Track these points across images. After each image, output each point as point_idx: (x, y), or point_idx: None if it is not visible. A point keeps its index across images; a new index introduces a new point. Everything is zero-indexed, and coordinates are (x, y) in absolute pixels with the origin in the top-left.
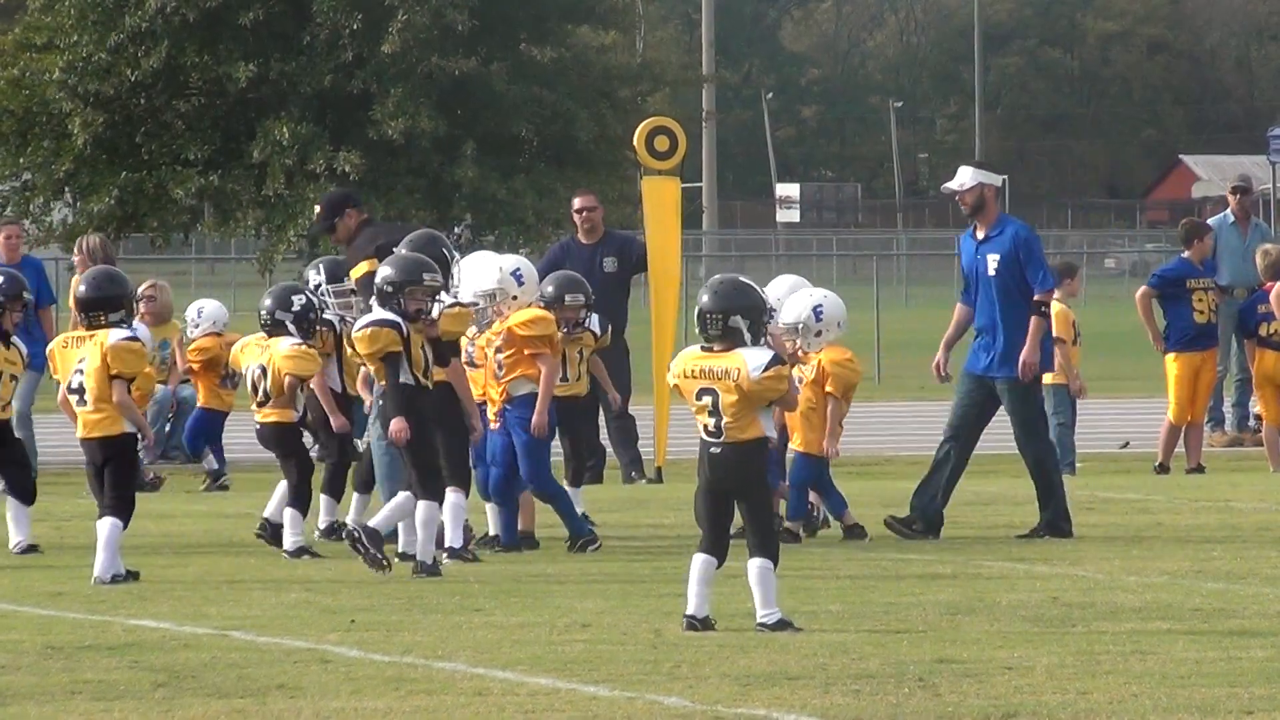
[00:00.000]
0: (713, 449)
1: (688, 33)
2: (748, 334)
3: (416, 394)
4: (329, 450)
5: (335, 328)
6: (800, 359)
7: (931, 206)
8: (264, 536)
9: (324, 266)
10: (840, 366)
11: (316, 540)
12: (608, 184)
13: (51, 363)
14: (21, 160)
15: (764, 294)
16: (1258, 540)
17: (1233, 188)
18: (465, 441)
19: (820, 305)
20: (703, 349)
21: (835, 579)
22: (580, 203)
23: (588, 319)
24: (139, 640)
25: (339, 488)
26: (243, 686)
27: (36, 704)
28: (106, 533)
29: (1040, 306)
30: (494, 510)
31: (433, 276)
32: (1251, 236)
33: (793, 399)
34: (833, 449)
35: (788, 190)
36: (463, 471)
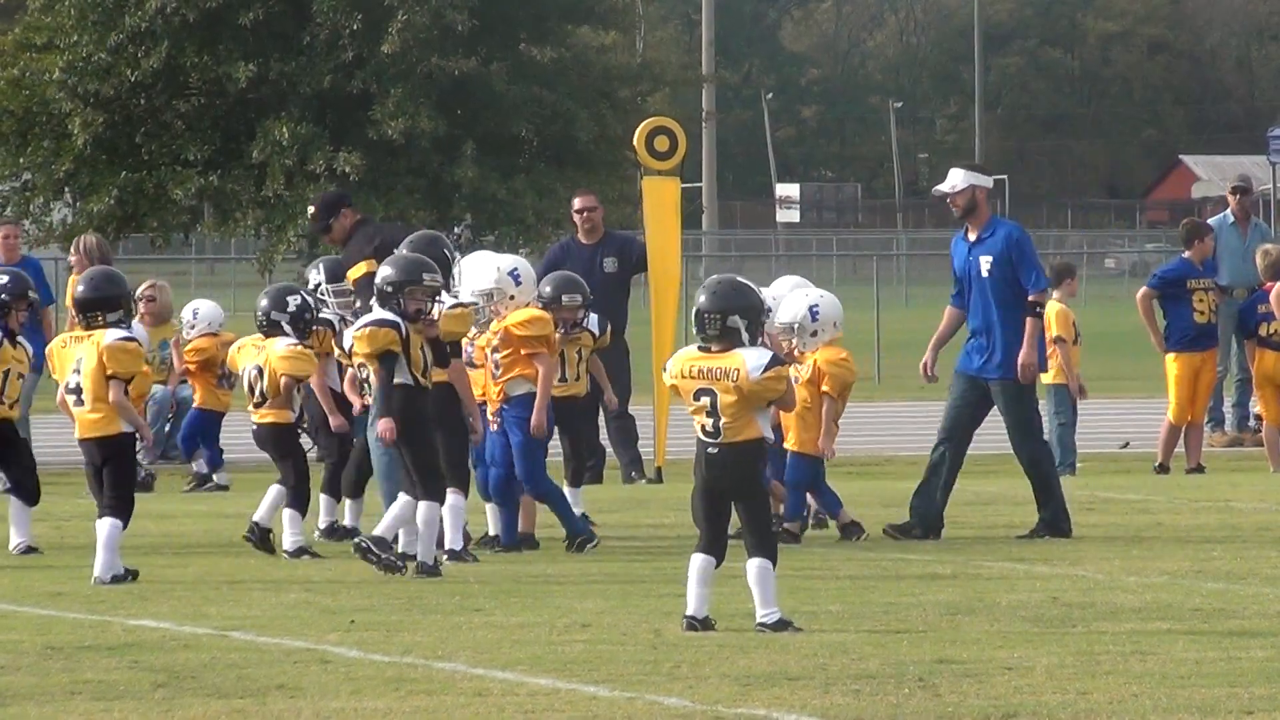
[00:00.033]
0: (710, 449)
1: (688, 33)
2: (746, 334)
3: (416, 394)
4: (328, 450)
5: (335, 327)
6: (796, 359)
7: (931, 206)
8: (252, 540)
9: (324, 266)
10: (836, 366)
11: (316, 540)
12: (608, 184)
13: (50, 363)
14: (21, 160)
15: (761, 294)
16: (1258, 540)
17: (1232, 188)
18: (465, 442)
19: (816, 305)
20: (700, 349)
21: (835, 579)
22: (580, 203)
23: (585, 319)
24: (139, 640)
25: (339, 488)
26: (243, 686)
27: (36, 704)
28: (106, 533)
29: (1035, 307)
30: (493, 510)
31: (432, 277)
32: (1251, 237)
33: (791, 399)
34: (828, 449)
35: (788, 190)
36: (462, 473)
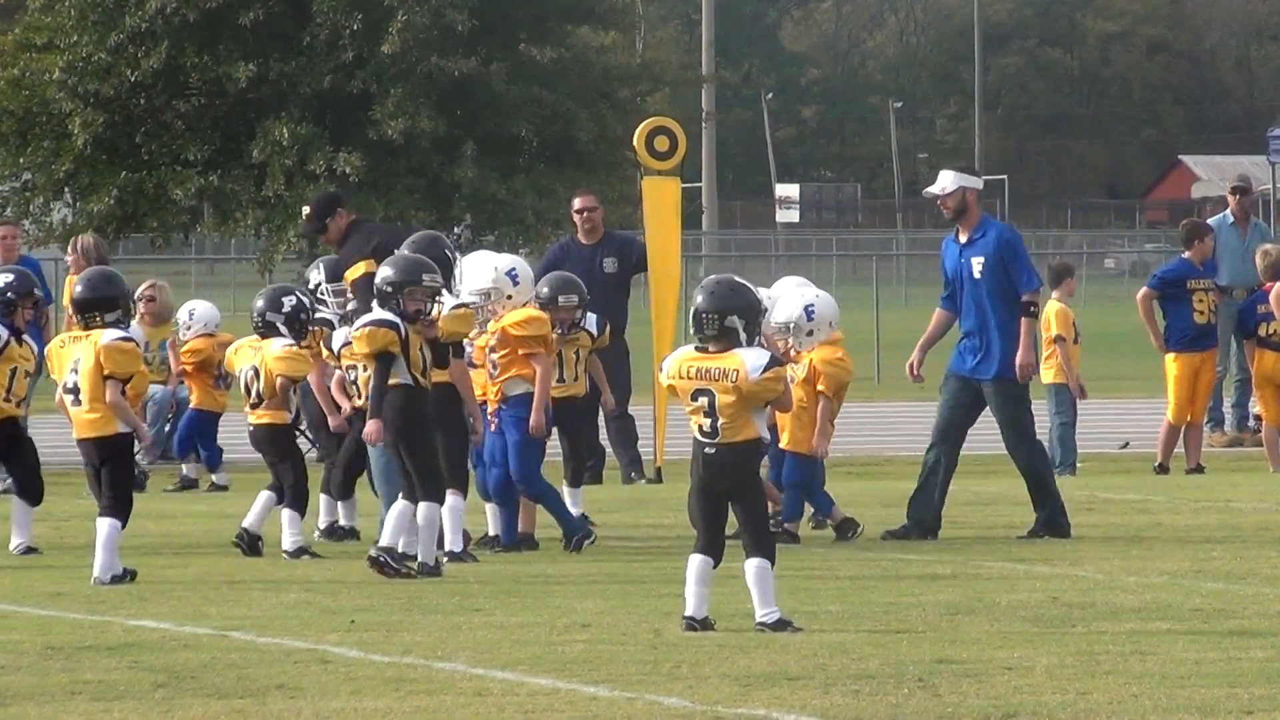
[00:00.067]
0: (707, 449)
1: (688, 33)
2: (743, 334)
3: (416, 395)
4: (328, 450)
5: (334, 327)
6: (792, 358)
7: (931, 207)
8: (242, 547)
9: (324, 266)
10: (831, 365)
11: (316, 540)
12: (608, 184)
13: (49, 363)
14: (21, 160)
15: (758, 294)
16: (1258, 540)
17: (1232, 188)
18: (465, 443)
19: (812, 305)
20: (697, 349)
21: (835, 579)
22: (580, 203)
23: (583, 319)
24: (139, 640)
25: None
26: (243, 686)
27: (36, 704)
28: (105, 533)
29: (1029, 307)
30: (493, 510)
31: (432, 277)
32: (1251, 237)
33: (788, 400)
34: (822, 448)
35: (787, 190)
36: (461, 473)
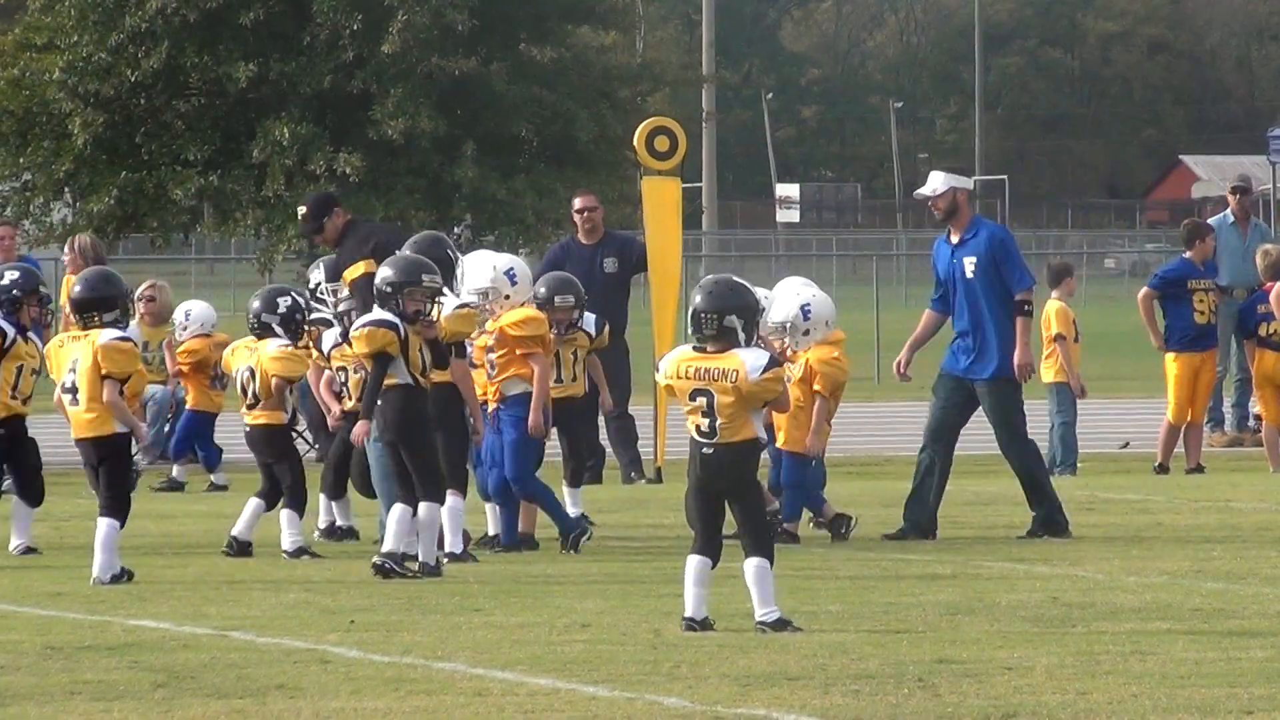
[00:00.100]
0: (705, 449)
1: (688, 33)
2: (742, 334)
3: (416, 395)
4: (326, 451)
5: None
6: (788, 358)
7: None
8: (231, 555)
9: (325, 266)
10: (828, 365)
11: (316, 540)
12: (608, 184)
13: (48, 363)
14: (21, 160)
15: (756, 294)
16: (1258, 540)
17: (1232, 188)
18: (465, 443)
19: (808, 304)
20: (695, 349)
21: (835, 579)
22: (581, 203)
23: (580, 319)
24: (139, 640)
25: None
26: (242, 686)
27: (36, 704)
28: (103, 533)
29: (1023, 306)
30: (493, 510)
31: (431, 278)
32: (1251, 237)
33: (786, 401)
34: (816, 447)
35: (788, 190)
36: (460, 474)
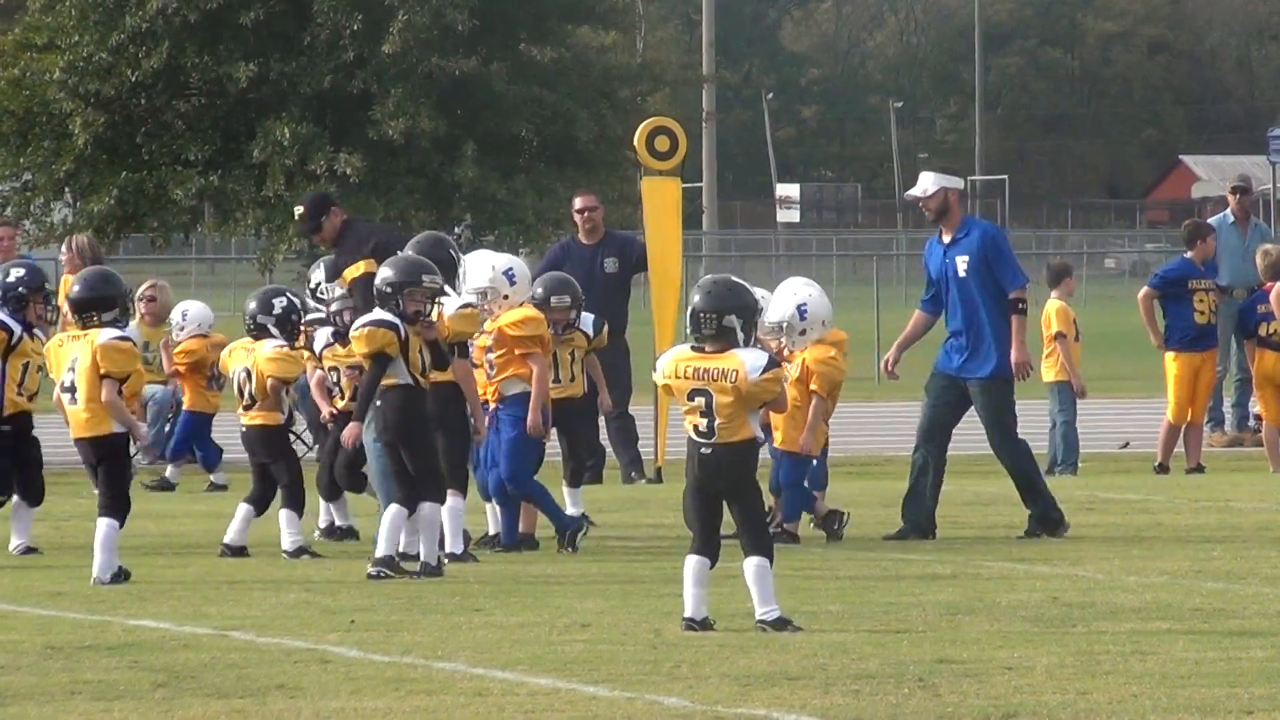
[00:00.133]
0: (703, 449)
1: (688, 33)
2: (741, 334)
3: (416, 395)
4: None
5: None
6: (785, 358)
7: None
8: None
9: (326, 266)
10: (824, 364)
11: (316, 540)
12: (608, 184)
13: (47, 362)
14: (22, 160)
15: (756, 294)
16: (1258, 540)
17: (1232, 188)
18: (465, 443)
19: (805, 304)
20: (693, 349)
21: (835, 579)
22: (581, 203)
23: (578, 320)
24: (139, 640)
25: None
26: (243, 686)
27: (36, 704)
28: (103, 533)
29: (1018, 304)
30: (493, 510)
31: (432, 279)
32: (1251, 237)
33: (784, 401)
34: (810, 446)
35: (788, 190)
36: (460, 474)
